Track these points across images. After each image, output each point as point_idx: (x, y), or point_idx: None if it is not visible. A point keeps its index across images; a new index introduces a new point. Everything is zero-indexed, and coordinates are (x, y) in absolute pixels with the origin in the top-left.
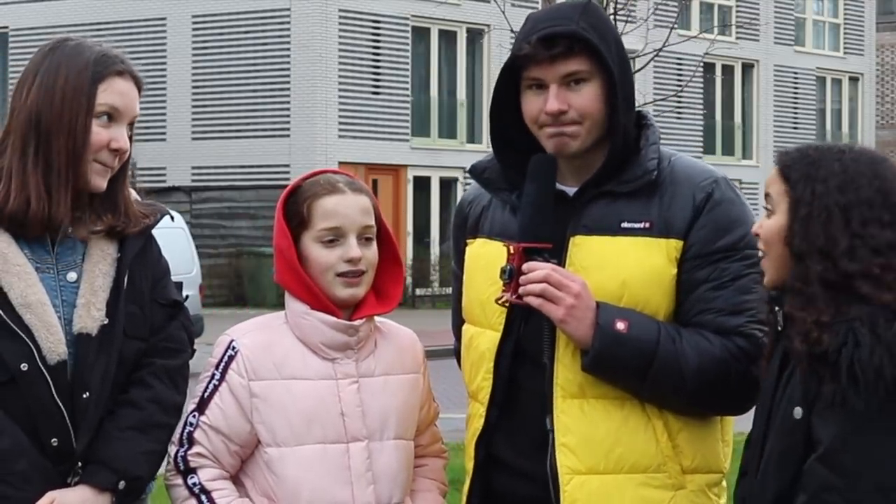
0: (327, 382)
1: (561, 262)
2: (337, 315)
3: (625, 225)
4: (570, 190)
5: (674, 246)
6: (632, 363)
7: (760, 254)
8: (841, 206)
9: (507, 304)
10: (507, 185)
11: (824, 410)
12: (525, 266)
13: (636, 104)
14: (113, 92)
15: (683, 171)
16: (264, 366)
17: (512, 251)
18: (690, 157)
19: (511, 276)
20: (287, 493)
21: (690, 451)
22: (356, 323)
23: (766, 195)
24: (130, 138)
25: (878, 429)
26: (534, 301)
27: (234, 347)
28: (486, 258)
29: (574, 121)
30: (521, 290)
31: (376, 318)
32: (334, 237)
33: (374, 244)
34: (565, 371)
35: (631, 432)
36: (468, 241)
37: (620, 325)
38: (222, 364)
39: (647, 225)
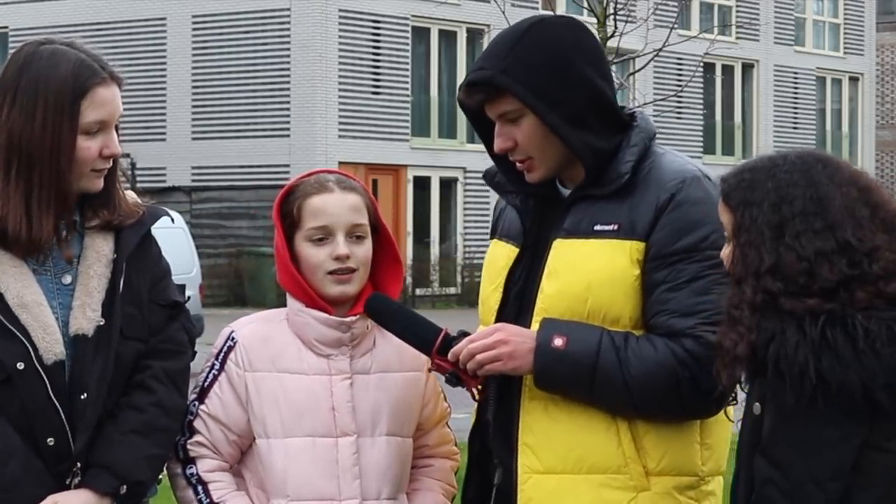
0: (321, 378)
1: (543, 265)
2: (330, 313)
3: (597, 227)
4: (568, 192)
5: (636, 248)
6: (574, 378)
7: None
8: (774, 224)
9: (481, 398)
10: (513, 187)
11: (768, 404)
12: (451, 358)
13: (637, 104)
14: (97, 105)
15: (657, 172)
16: (260, 358)
17: (435, 366)
18: (675, 156)
19: (458, 379)
20: (275, 483)
21: (657, 453)
22: (349, 320)
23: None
24: (116, 129)
25: (809, 421)
26: (484, 373)
27: (233, 338)
28: (491, 258)
29: (523, 157)
30: (469, 373)
31: None
32: (323, 236)
33: (367, 242)
34: (530, 376)
35: (592, 433)
36: (491, 242)
37: (558, 342)
38: (222, 354)
39: (616, 227)
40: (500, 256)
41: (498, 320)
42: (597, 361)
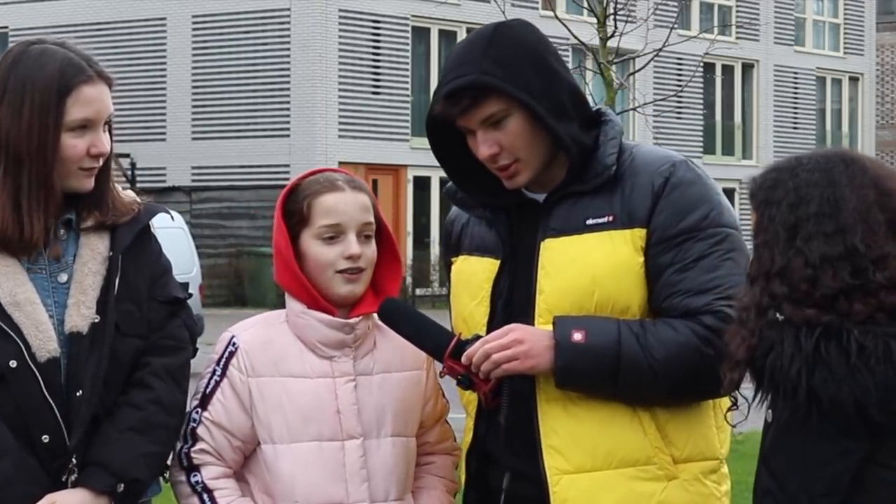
0: (325, 380)
1: (534, 267)
2: (333, 314)
3: (589, 222)
4: (539, 196)
5: (638, 235)
6: (598, 369)
7: None
8: (790, 225)
9: (491, 404)
10: (478, 201)
11: (771, 414)
12: (464, 361)
13: (636, 104)
14: (83, 103)
15: (642, 161)
16: (262, 362)
17: (447, 369)
18: (651, 146)
19: (470, 381)
20: (283, 489)
21: (681, 441)
22: (352, 321)
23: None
24: (110, 130)
25: (805, 434)
26: (500, 373)
27: (234, 343)
28: (467, 274)
29: (510, 161)
30: (482, 376)
31: (377, 317)
32: (334, 234)
33: (374, 242)
34: (546, 375)
35: (617, 427)
36: (452, 259)
37: (578, 336)
38: (223, 360)
39: (611, 218)
40: (478, 270)
41: (488, 332)
42: (619, 351)
